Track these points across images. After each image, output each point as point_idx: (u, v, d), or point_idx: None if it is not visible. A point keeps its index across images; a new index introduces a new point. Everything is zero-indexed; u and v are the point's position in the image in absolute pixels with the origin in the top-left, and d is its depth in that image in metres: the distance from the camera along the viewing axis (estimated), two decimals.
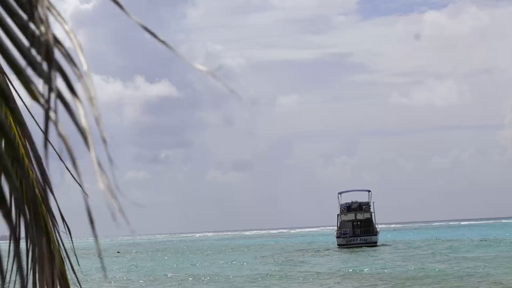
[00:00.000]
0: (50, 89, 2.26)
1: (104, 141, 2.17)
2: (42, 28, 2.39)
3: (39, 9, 2.45)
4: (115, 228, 2.26)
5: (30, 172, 2.91)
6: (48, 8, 2.48)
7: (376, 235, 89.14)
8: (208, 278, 52.14)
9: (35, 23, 2.42)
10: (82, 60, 2.34)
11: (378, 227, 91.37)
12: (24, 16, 2.45)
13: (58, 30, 2.47)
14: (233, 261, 73.74)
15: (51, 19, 2.46)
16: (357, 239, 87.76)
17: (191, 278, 52.57)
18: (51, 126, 2.21)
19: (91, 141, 2.19)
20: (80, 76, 2.31)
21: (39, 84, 2.31)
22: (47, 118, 2.22)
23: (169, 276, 55.63)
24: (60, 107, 2.27)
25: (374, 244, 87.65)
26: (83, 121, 2.24)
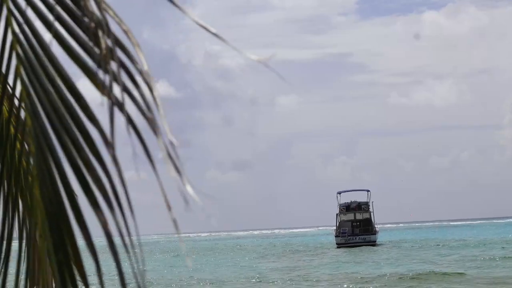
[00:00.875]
0: (115, 83, 2.44)
1: (171, 142, 2.32)
2: (100, 31, 2.56)
3: (96, 10, 2.62)
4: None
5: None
6: (105, 10, 2.65)
7: (375, 234, 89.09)
8: (207, 278, 52.19)
9: (96, 25, 2.58)
10: (141, 59, 2.50)
11: (378, 227, 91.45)
12: (85, 19, 2.62)
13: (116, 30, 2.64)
14: (233, 260, 73.77)
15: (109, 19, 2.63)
16: (356, 238, 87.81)
17: (194, 280, 52.60)
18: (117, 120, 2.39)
19: (158, 130, 2.37)
20: (142, 73, 2.48)
21: (106, 81, 2.48)
22: (112, 112, 2.39)
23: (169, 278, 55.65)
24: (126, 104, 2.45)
25: (373, 243, 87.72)
26: (147, 112, 2.41)
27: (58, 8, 2.73)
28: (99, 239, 2.54)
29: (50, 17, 2.73)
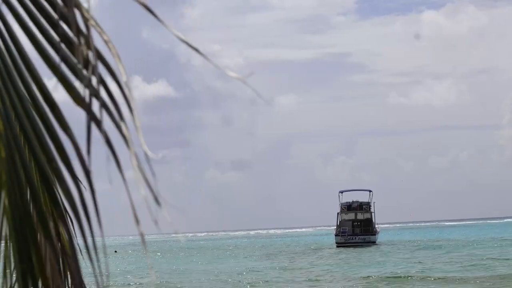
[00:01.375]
0: (92, 93, 2.43)
1: (146, 154, 2.32)
2: (82, 40, 2.55)
3: (79, 20, 2.61)
4: (109, 227, 2.42)
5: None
6: (88, 19, 2.64)
7: (375, 235, 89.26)
8: (205, 278, 51.88)
9: (75, 34, 2.57)
10: (121, 70, 2.49)
11: (378, 227, 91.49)
12: (66, 28, 2.61)
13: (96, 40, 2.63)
14: (231, 260, 73.49)
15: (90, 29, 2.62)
16: (355, 238, 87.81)
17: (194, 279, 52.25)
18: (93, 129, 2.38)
19: (132, 146, 2.36)
20: (120, 84, 2.47)
21: (81, 89, 2.47)
22: (89, 120, 2.38)
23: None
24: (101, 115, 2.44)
25: (372, 243, 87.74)
26: (124, 128, 2.40)
27: (38, 15, 2.72)
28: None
29: (30, 23, 2.72)
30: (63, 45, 2.60)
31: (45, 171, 2.50)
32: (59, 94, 2.62)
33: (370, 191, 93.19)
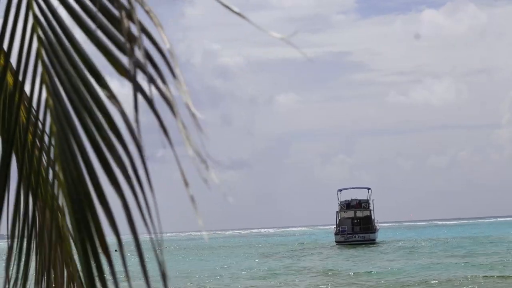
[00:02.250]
0: (135, 64, 2.47)
1: (194, 116, 2.35)
2: (123, 12, 2.59)
3: None
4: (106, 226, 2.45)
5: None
6: None
7: (374, 232, 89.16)
8: (205, 277, 52.27)
9: (115, 5, 2.61)
10: (164, 39, 2.52)
11: (378, 224, 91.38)
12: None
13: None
14: (231, 260, 73.89)
15: None
16: (355, 236, 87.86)
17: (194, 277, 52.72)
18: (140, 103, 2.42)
19: (177, 109, 2.40)
20: (163, 53, 2.51)
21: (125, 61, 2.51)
22: (135, 92, 2.42)
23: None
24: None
25: (372, 241, 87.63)
26: (167, 92, 2.44)
27: None
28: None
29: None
30: (105, 19, 2.64)
31: (97, 143, 2.56)
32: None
33: (368, 188, 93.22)
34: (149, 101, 2.48)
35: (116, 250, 2.43)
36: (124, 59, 2.53)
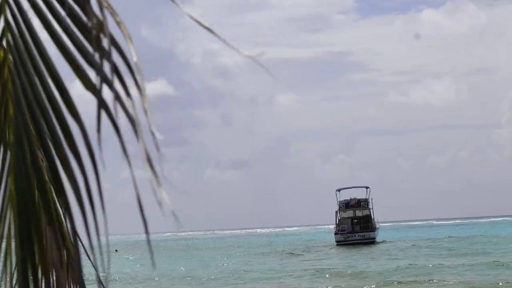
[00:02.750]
0: (102, 79, 2.35)
1: (153, 133, 2.25)
2: (94, 20, 2.48)
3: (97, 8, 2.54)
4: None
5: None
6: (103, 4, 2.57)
7: (374, 231, 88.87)
8: (205, 277, 52.02)
9: (87, 15, 2.51)
10: (132, 52, 2.41)
11: (378, 223, 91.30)
12: (78, 9, 2.54)
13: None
14: (232, 260, 73.60)
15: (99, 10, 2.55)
16: (355, 236, 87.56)
17: (192, 277, 52.38)
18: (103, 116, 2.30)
19: (140, 131, 2.28)
20: (130, 66, 2.39)
21: (92, 75, 2.40)
22: (100, 106, 2.30)
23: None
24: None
25: (372, 240, 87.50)
26: (132, 112, 2.32)
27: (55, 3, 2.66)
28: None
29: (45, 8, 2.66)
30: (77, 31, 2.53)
31: (52, 158, 2.43)
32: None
33: (367, 187, 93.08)
34: (113, 121, 2.36)
35: (116, 250, 2.30)
36: (91, 73, 2.42)
